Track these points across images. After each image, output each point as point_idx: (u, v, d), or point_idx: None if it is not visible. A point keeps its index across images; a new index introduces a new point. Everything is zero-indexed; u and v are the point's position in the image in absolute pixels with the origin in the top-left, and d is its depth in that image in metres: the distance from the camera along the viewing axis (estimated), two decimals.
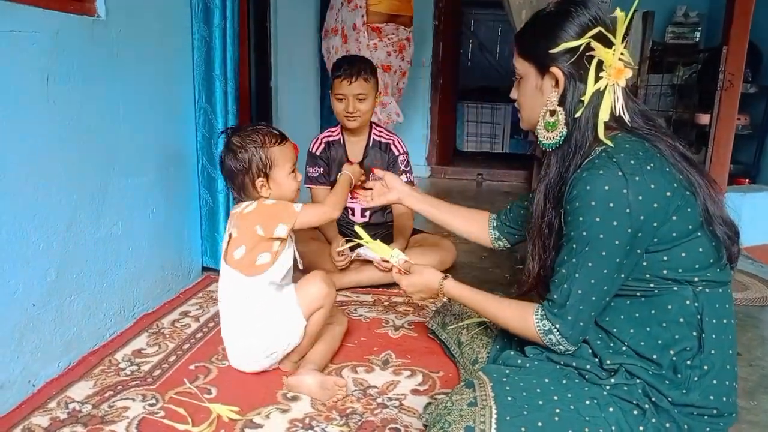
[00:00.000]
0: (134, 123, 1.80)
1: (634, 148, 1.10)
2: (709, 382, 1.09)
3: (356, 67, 2.20)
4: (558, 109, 1.16)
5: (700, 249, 1.10)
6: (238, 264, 1.50)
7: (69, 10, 1.51)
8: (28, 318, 1.42)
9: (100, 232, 1.67)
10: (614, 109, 1.13)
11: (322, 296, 1.53)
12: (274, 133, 1.55)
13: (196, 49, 2.08)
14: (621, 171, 1.05)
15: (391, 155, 2.38)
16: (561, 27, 1.14)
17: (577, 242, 1.10)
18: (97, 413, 1.37)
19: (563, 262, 1.14)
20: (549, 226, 1.22)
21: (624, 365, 1.13)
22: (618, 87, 1.12)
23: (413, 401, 1.46)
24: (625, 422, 1.08)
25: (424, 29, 5.02)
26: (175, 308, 2.00)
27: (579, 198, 1.09)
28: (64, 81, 1.49)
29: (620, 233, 1.06)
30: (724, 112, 2.92)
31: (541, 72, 1.18)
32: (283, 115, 3.21)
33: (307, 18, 3.67)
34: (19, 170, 1.36)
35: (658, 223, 1.07)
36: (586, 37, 1.11)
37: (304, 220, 1.52)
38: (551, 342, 1.17)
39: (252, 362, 1.54)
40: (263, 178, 1.52)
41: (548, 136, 1.19)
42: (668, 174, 1.09)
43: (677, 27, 5.29)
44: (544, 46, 1.15)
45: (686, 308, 1.10)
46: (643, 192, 1.05)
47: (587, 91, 1.12)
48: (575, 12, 1.14)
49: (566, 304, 1.13)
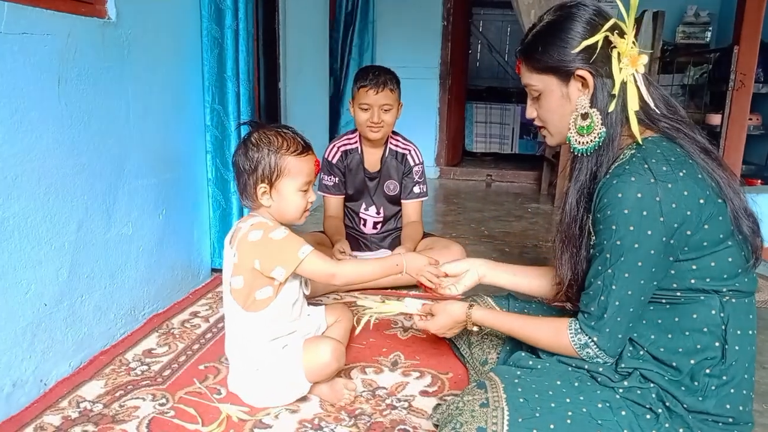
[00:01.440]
0: (144, 124, 1.81)
1: (665, 153, 1.06)
2: (727, 392, 1.07)
3: (383, 77, 2.16)
4: (591, 111, 1.12)
5: (730, 258, 1.07)
6: (237, 295, 1.39)
7: (80, 12, 1.53)
8: (40, 318, 1.43)
9: (110, 232, 1.68)
10: (640, 98, 1.10)
11: (330, 371, 1.41)
12: (297, 141, 1.40)
13: (207, 50, 2.08)
14: (654, 177, 1.02)
15: (407, 166, 2.36)
16: (571, 29, 1.12)
17: (612, 252, 1.07)
18: (108, 412, 1.38)
19: (598, 273, 1.10)
20: (581, 229, 1.19)
21: (639, 369, 1.12)
22: (638, 74, 1.10)
23: (422, 402, 1.46)
24: (637, 426, 1.07)
25: (433, 30, 5.03)
26: (184, 308, 2.01)
27: (611, 206, 1.05)
28: (76, 83, 1.50)
29: (655, 242, 1.03)
30: (735, 112, 2.90)
31: (565, 80, 1.14)
32: (292, 117, 3.22)
33: (317, 19, 3.68)
34: (31, 171, 1.38)
35: (691, 231, 1.04)
36: (603, 31, 1.09)
37: (306, 270, 1.36)
38: (588, 356, 1.14)
39: (248, 397, 1.44)
40: (267, 185, 1.38)
41: (583, 140, 1.14)
42: (701, 181, 1.06)
43: (688, 27, 5.26)
44: (561, 53, 1.13)
45: (712, 318, 1.08)
46: (676, 199, 1.02)
47: (616, 83, 1.10)
48: (578, 12, 1.13)
49: (604, 317, 1.09)
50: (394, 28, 5.02)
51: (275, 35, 3.05)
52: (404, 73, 2.78)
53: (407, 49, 5.01)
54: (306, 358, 1.38)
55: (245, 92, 2.21)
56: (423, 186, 2.38)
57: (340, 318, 1.64)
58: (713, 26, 5.27)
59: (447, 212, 3.83)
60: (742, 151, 2.94)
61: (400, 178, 2.36)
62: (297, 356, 1.39)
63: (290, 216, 1.43)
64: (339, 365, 1.42)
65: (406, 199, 2.37)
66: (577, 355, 1.15)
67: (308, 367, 1.38)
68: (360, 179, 2.36)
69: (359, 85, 2.19)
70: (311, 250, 1.35)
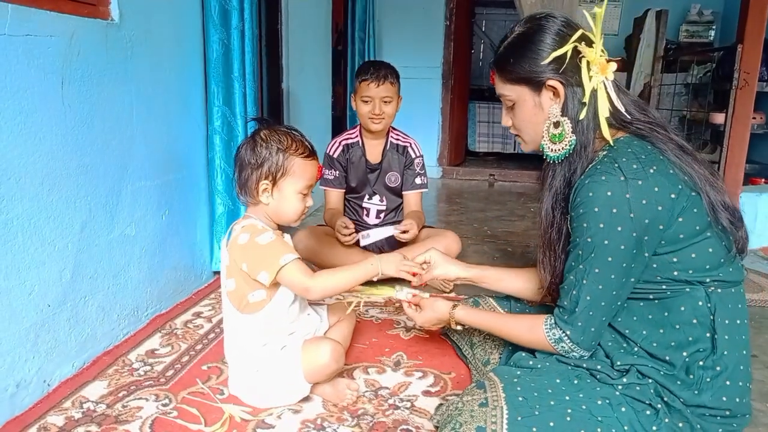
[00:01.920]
0: (147, 125, 1.81)
1: (636, 152, 1.10)
2: (722, 383, 1.08)
3: (383, 71, 2.24)
4: (562, 119, 1.16)
5: (710, 249, 1.10)
6: (231, 297, 1.40)
7: (83, 14, 1.53)
8: (44, 318, 1.44)
9: (113, 233, 1.69)
10: (611, 104, 1.14)
11: (329, 372, 1.40)
12: (304, 144, 1.41)
13: (213, 51, 2.08)
14: (624, 175, 1.06)
15: (408, 158, 2.41)
16: (541, 41, 1.16)
17: (583, 248, 1.11)
18: (111, 413, 1.38)
19: (571, 268, 1.15)
20: (558, 233, 1.22)
21: (635, 365, 1.13)
22: (608, 81, 1.14)
23: (425, 402, 1.46)
24: (638, 422, 1.07)
25: (436, 30, 5.03)
26: (187, 309, 2.02)
27: (583, 204, 1.09)
28: (79, 84, 1.51)
29: (625, 238, 1.06)
30: (739, 111, 2.89)
31: (537, 89, 1.18)
32: (294, 117, 3.23)
33: (319, 19, 3.68)
34: (35, 173, 1.38)
35: (664, 225, 1.07)
36: (572, 42, 1.13)
37: (284, 279, 1.33)
38: (563, 350, 1.17)
39: (249, 398, 1.44)
40: (270, 182, 1.38)
41: (556, 148, 1.18)
42: (672, 176, 1.09)
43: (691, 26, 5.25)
44: (532, 64, 1.17)
45: (699, 309, 1.10)
46: (646, 195, 1.05)
47: (586, 91, 1.13)
48: (547, 23, 1.17)
49: (576, 311, 1.13)
50: (396, 28, 5.02)
51: (278, 35, 3.06)
52: (407, 73, 2.80)
53: (410, 48, 5.01)
54: (305, 360, 1.38)
55: (251, 92, 2.22)
56: (424, 177, 2.44)
57: (342, 318, 1.64)
58: (717, 25, 5.26)
59: (450, 212, 3.83)
60: (745, 150, 2.92)
61: (401, 170, 2.41)
62: (296, 357, 1.39)
63: (286, 217, 1.43)
64: (338, 367, 1.42)
65: (407, 190, 2.42)
66: (554, 350, 1.18)
67: (307, 369, 1.38)
68: (362, 171, 2.40)
69: (361, 79, 2.26)
70: (293, 260, 1.33)
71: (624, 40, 5.17)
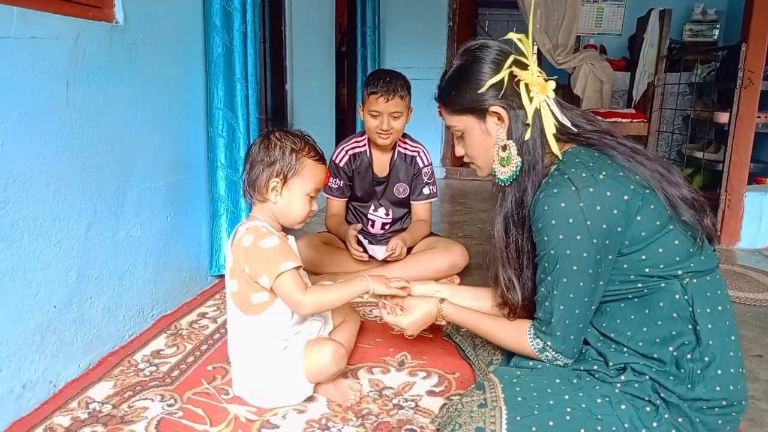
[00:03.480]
0: (152, 127, 1.82)
1: (583, 161, 1.13)
2: (713, 373, 1.08)
3: (393, 84, 2.15)
4: (508, 143, 1.20)
5: (676, 241, 1.11)
6: (235, 298, 1.41)
7: (88, 16, 1.54)
8: (50, 319, 1.45)
9: (119, 234, 1.69)
10: (556, 120, 1.17)
11: (330, 373, 1.41)
12: (316, 149, 1.45)
13: (214, 53, 2.08)
14: (574, 186, 1.08)
15: (416, 168, 2.36)
16: (478, 71, 1.21)
17: (548, 261, 1.14)
18: (117, 413, 1.39)
19: (540, 280, 1.17)
20: (518, 251, 1.25)
21: (629, 364, 1.14)
22: (549, 99, 1.17)
23: (429, 402, 1.46)
24: (638, 419, 1.08)
25: (439, 31, 5.03)
26: (192, 310, 2.02)
27: (540, 219, 1.13)
28: (84, 86, 1.52)
29: (586, 245, 1.09)
30: (743, 110, 2.88)
31: (482, 116, 1.23)
32: (298, 119, 3.23)
33: (323, 20, 3.69)
34: (41, 174, 1.39)
35: (623, 227, 1.09)
36: (506, 68, 1.16)
37: (279, 287, 1.34)
38: (547, 358, 1.20)
39: (252, 398, 1.45)
40: (280, 181, 1.39)
41: (504, 171, 1.22)
42: (622, 178, 1.11)
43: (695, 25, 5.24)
44: (473, 94, 1.21)
45: (677, 302, 1.11)
46: (599, 201, 1.07)
47: (528, 112, 1.17)
48: (481, 54, 1.22)
49: (552, 321, 1.16)
50: (399, 29, 5.02)
51: (281, 37, 3.06)
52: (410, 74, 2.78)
53: (413, 50, 5.01)
54: (306, 361, 1.39)
55: (253, 94, 2.21)
56: (433, 187, 2.39)
57: (346, 319, 1.64)
58: (721, 24, 5.24)
59: (453, 212, 3.83)
60: (750, 149, 2.91)
61: (409, 180, 2.36)
62: (297, 358, 1.39)
63: (292, 218, 1.44)
64: (339, 368, 1.42)
65: (415, 200, 2.38)
66: (540, 357, 1.20)
67: (308, 370, 1.39)
68: (368, 183, 2.37)
69: (370, 92, 2.17)
70: (292, 269, 1.33)
71: (627, 39, 5.16)
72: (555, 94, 1.19)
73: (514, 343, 1.26)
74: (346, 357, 1.47)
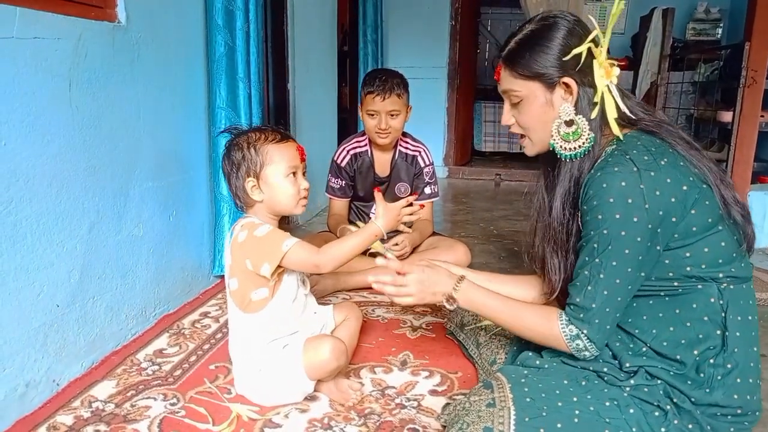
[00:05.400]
0: (154, 127, 1.82)
1: (645, 144, 1.09)
2: (733, 381, 1.07)
3: (389, 83, 2.14)
4: (577, 118, 1.14)
5: (723, 243, 1.08)
6: (234, 297, 1.42)
7: (91, 16, 1.54)
8: (53, 319, 1.45)
9: (121, 234, 1.70)
10: (617, 105, 1.14)
11: (330, 369, 1.39)
12: (274, 132, 1.43)
13: (217, 52, 2.08)
14: (636, 167, 1.04)
15: (417, 167, 2.35)
16: (557, 37, 1.15)
17: (599, 241, 1.08)
18: (120, 412, 1.39)
19: (584, 264, 1.11)
20: (568, 233, 1.21)
21: (644, 367, 1.12)
22: (611, 85, 1.14)
23: (431, 402, 1.46)
24: (646, 423, 1.06)
25: (441, 30, 5.03)
26: (195, 309, 2.02)
27: (597, 196, 1.07)
28: (86, 86, 1.52)
29: (641, 229, 1.05)
30: (747, 109, 2.87)
31: (550, 86, 1.17)
32: (300, 118, 3.24)
33: (325, 20, 3.68)
34: (43, 174, 1.39)
35: (677, 218, 1.06)
36: (588, 41, 1.12)
37: (291, 262, 1.34)
38: (577, 348, 1.13)
39: (253, 397, 1.45)
40: (254, 178, 1.39)
41: (570, 146, 1.16)
42: (683, 168, 1.08)
43: (698, 23, 5.23)
44: (547, 60, 1.15)
45: (711, 306, 1.09)
46: (659, 187, 1.04)
47: (598, 91, 1.13)
48: (561, 21, 1.16)
49: (592, 307, 1.09)
50: (402, 28, 5.02)
51: (284, 36, 3.06)
52: (412, 74, 2.77)
53: (415, 49, 5.01)
54: (305, 357, 1.38)
55: (256, 94, 2.21)
56: (434, 187, 2.39)
57: (348, 316, 1.64)
58: (724, 22, 5.23)
59: (456, 212, 3.83)
60: (753, 149, 2.91)
61: (410, 180, 2.36)
62: (297, 355, 1.39)
63: (284, 205, 1.43)
64: (339, 364, 1.41)
65: (417, 200, 2.37)
66: (567, 347, 1.14)
67: (308, 366, 1.38)
68: (370, 182, 2.36)
69: (366, 91, 2.18)
70: (295, 242, 1.35)
71: (630, 38, 5.15)
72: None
73: (541, 329, 1.17)
74: (347, 353, 1.47)
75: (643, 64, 4.27)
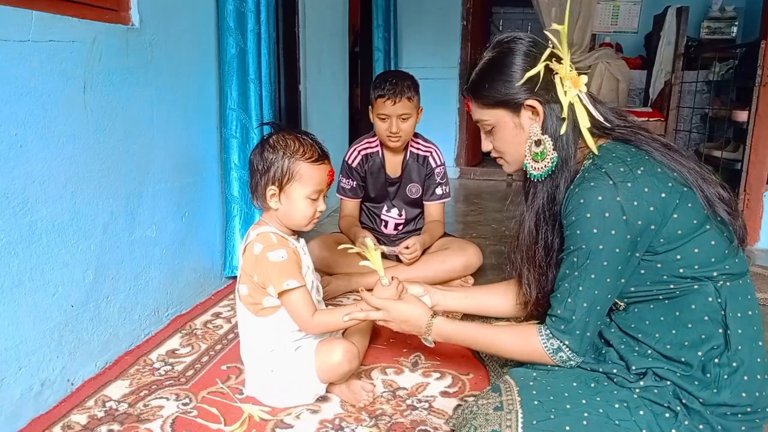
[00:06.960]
0: (167, 128, 1.84)
1: (621, 156, 1.10)
2: (740, 379, 1.06)
3: (400, 86, 2.11)
4: (543, 137, 1.17)
5: (713, 242, 1.08)
6: (244, 300, 1.43)
7: (105, 19, 1.56)
8: (67, 319, 1.47)
9: (134, 234, 1.71)
10: (590, 114, 1.15)
11: (341, 372, 1.40)
12: (314, 148, 1.39)
13: (229, 54, 2.09)
14: (612, 180, 1.06)
15: (428, 167, 2.34)
16: (513, 63, 1.18)
17: (578, 255, 1.10)
18: (133, 412, 1.40)
19: (565, 276, 1.14)
20: (546, 248, 1.23)
21: (651, 368, 1.12)
22: (582, 94, 1.15)
23: (443, 403, 1.46)
24: (656, 425, 1.06)
25: (453, 30, 5.02)
26: (207, 309, 2.04)
27: (575, 212, 1.10)
28: (101, 89, 1.53)
29: (619, 241, 1.06)
30: (762, 108, 2.83)
31: (515, 110, 1.19)
32: (312, 119, 3.24)
33: (336, 21, 3.69)
34: (59, 176, 1.41)
35: (656, 225, 1.07)
36: (543, 60, 1.14)
37: (286, 303, 1.37)
38: (561, 360, 1.16)
39: (265, 398, 1.46)
40: (276, 188, 1.38)
41: (538, 166, 1.19)
42: (661, 174, 1.08)
43: (713, 22, 5.17)
44: (507, 86, 1.18)
45: (710, 305, 1.09)
46: (637, 197, 1.05)
47: (563, 106, 1.14)
48: (515, 46, 1.19)
49: (573, 319, 1.13)
50: (413, 28, 5.03)
51: (295, 37, 3.07)
52: (424, 74, 2.76)
53: (427, 49, 5.01)
54: (318, 360, 1.39)
55: (267, 95, 2.22)
56: (446, 187, 2.38)
57: None
58: (739, 21, 5.17)
59: (467, 212, 3.82)
60: None
61: (422, 181, 2.35)
62: (309, 358, 1.40)
63: (295, 222, 1.42)
64: (351, 367, 1.41)
65: (428, 201, 2.37)
66: (551, 361, 1.17)
67: (320, 369, 1.39)
68: (381, 183, 2.36)
69: (377, 95, 2.16)
70: (296, 288, 1.35)
71: (644, 37, 5.11)
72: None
73: (522, 348, 1.21)
74: (359, 356, 1.47)
75: (657, 63, 4.24)
